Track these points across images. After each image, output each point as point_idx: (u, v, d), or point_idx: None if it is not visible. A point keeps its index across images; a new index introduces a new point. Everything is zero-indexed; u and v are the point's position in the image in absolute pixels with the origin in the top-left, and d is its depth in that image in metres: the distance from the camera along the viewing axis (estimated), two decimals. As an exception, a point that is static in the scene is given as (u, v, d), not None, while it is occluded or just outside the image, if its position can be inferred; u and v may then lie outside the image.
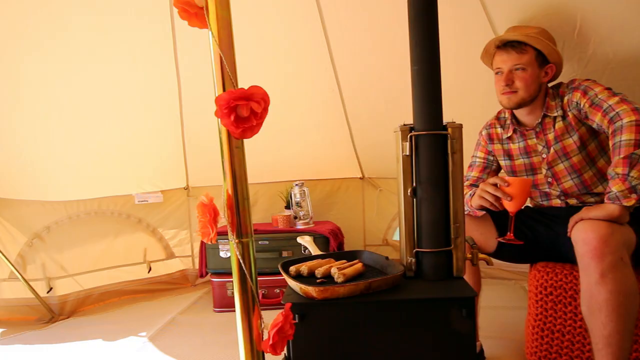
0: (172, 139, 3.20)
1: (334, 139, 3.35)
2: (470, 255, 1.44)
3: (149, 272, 3.45)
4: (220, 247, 2.98)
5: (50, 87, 2.72)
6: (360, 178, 3.63)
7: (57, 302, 3.10)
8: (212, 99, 2.89)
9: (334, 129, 3.28)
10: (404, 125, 1.43)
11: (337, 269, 1.41)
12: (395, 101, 2.90)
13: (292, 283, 1.38)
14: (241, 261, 1.05)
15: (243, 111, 0.99)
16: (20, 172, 2.94)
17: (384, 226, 3.58)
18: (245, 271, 1.05)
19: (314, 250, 1.76)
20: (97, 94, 2.85)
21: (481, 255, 1.46)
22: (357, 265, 1.46)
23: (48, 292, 3.08)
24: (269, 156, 3.20)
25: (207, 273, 3.10)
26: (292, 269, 1.50)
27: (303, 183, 3.15)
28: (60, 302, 3.11)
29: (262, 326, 1.08)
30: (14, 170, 2.91)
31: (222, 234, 1.12)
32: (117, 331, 2.73)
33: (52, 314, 3.04)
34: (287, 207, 3.25)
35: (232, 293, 2.94)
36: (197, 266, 3.48)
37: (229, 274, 2.97)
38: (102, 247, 3.30)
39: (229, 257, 2.97)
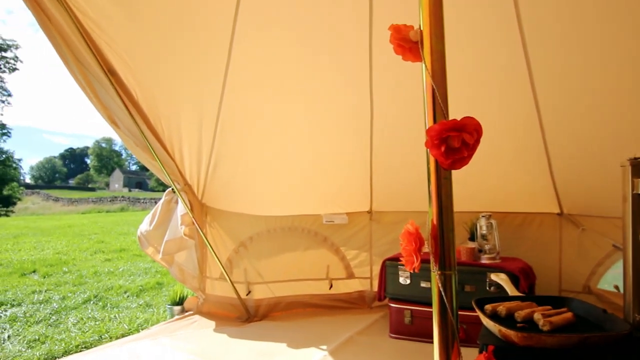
0: (360, 165, 3.36)
1: (529, 169, 3.07)
2: None
3: (330, 288, 3.65)
4: (400, 273, 2.98)
5: (260, 120, 3.15)
6: (557, 214, 3.23)
7: (253, 304, 3.51)
8: (403, 127, 2.96)
9: (529, 158, 3.01)
10: (635, 158, 1.23)
11: (542, 315, 1.27)
12: (610, 129, 2.53)
13: (489, 323, 1.29)
14: (443, 294, 1.02)
15: (454, 142, 0.98)
16: (235, 189, 3.47)
17: (586, 271, 3.10)
18: (447, 305, 1.02)
19: (511, 290, 1.62)
20: (298, 124, 3.19)
21: None
22: (567, 315, 1.29)
23: (247, 294, 3.52)
24: (455, 184, 3.10)
25: (385, 297, 3.13)
26: (488, 307, 1.41)
27: (491, 215, 2.95)
28: (256, 305, 3.51)
29: (461, 365, 1.03)
30: (231, 188, 3.44)
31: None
32: (300, 340, 2.94)
33: (248, 315, 3.45)
34: (471, 238, 3.09)
35: (410, 321, 2.92)
36: (375, 289, 3.55)
37: (408, 301, 2.98)
38: (291, 260, 3.63)
39: (409, 284, 2.98)
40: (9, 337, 3.27)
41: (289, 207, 3.58)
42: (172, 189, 3.31)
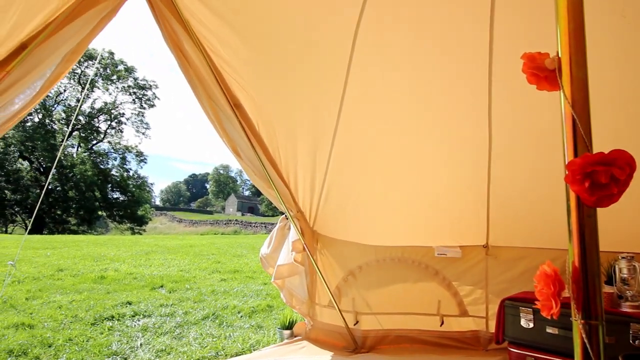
0: (476, 196, 3.19)
1: (681, 205, 2.66)
2: None
3: (441, 325, 3.46)
4: (521, 315, 2.74)
5: (372, 150, 3.18)
6: None
7: (360, 335, 3.47)
8: (524, 158, 2.75)
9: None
10: None
11: None
12: None
13: (642, 385, 1.12)
14: (588, 347, 0.91)
15: (601, 178, 0.89)
16: (345, 217, 3.51)
17: None
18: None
19: (668, 348, 1.39)
20: (410, 155, 3.15)
21: None
22: None
23: (355, 324, 3.50)
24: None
25: (503, 340, 2.88)
26: (640, 366, 1.22)
27: (633, 257, 2.59)
28: (363, 336, 3.46)
29: None
30: (342, 216, 3.50)
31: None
32: (410, 378, 2.82)
33: (355, 345, 3.42)
34: (608, 282, 2.73)
35: (534, 370, 2.65)
36: (491, 329, 3.29)
37: (531, 347, 2.71)
38: (400, 292, 3.53)
39: (532, 327, 2.71)
40: (141, 345, 3.63)
41: (399, 238, 3.51)
42: (286, 216, 3.46)
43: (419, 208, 3.35)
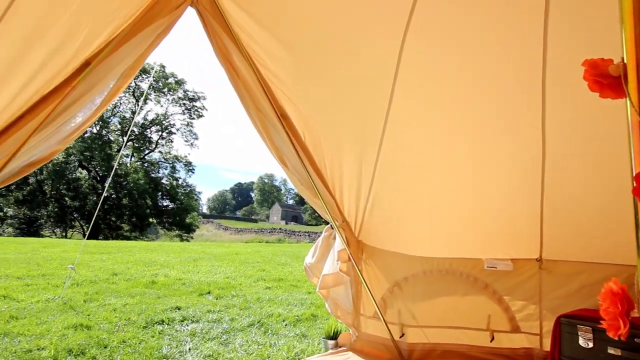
0: (528, 207, 3.07)
1: None
2: None
3: (491, 341, 3.34)
4: (579, 334, 2.59)
5: (420, 160, 3.14)
6: None
7: (406, 348, 3.40)
8: (581, 167, 2.62)
9: None
10: None
11: None
12: None
13: None
14: (661, 371, 0.85)
15: (673, 190, 0.84)
16: (391, 228, 3.47)
17: None
18: (666, 385, 0.84)
19: None
20: (459, 164, 3.08)
21: None
22: None
23: (400, 337, 3.43)
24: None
25: (560, 360, 2.74)
26: None
27: None
28: (409, 349, 3.39)
29: None
30: (388, 226, 3.46)
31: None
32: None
33: (401, 358, 3.35)
34: (677, 301, 2.54)
35: (594, 393, 2.49)
36: (545, 347, 3.14)
37: (592, 369, 2.55)
38: (448, 305, 3.44)
39: (591, 348, 2.56)
40: (189, 349, 3.72)
41: (447, 249, 3.42)
42: (331, 225, 3.46)
43: (467, 219, 3.26)
